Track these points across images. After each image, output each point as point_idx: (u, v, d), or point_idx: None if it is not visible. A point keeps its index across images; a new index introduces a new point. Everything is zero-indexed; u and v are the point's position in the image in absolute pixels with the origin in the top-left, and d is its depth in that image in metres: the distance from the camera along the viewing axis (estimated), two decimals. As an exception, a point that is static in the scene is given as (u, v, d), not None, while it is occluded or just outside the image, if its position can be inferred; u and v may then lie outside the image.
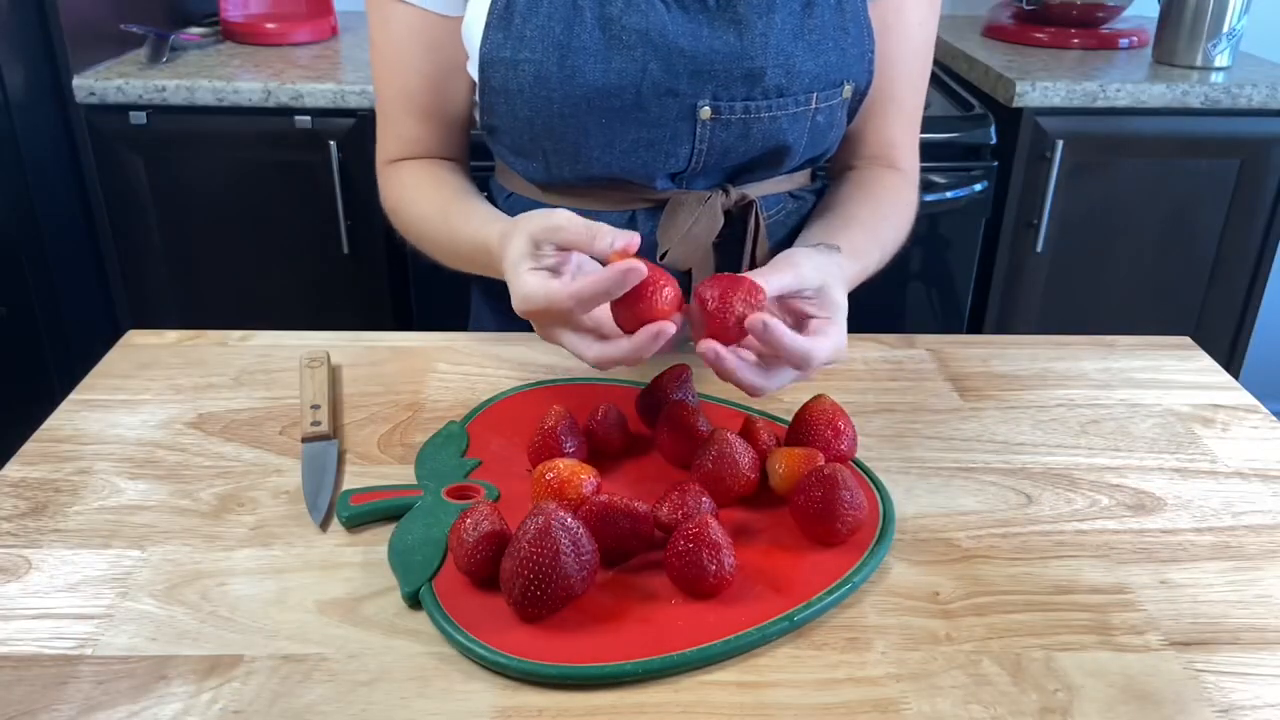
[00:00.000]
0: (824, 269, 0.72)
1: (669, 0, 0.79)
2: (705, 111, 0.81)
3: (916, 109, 0.95)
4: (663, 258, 0.87)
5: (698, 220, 0.87)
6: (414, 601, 0.59)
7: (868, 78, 0.87)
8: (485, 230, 0.77)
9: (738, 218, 0.90)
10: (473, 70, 0.84)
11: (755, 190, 0.91)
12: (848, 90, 0.86)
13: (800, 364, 0.67)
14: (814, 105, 0.84)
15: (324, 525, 0.66)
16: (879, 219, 0.88)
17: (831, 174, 0.97)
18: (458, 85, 0.88)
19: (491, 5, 0.80)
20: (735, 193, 0.88)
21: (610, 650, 0.55)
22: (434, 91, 0.88)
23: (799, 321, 0.71)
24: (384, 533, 0.65)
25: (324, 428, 0.75)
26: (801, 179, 0.96)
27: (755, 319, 0.64)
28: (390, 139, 0.91)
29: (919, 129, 0.96)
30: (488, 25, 0.80)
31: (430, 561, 0.61)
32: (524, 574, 0.56)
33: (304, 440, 0.74)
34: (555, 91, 0.80)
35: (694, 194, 0.87)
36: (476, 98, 0.86)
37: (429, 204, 0.87)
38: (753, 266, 0.91)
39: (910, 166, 0.95)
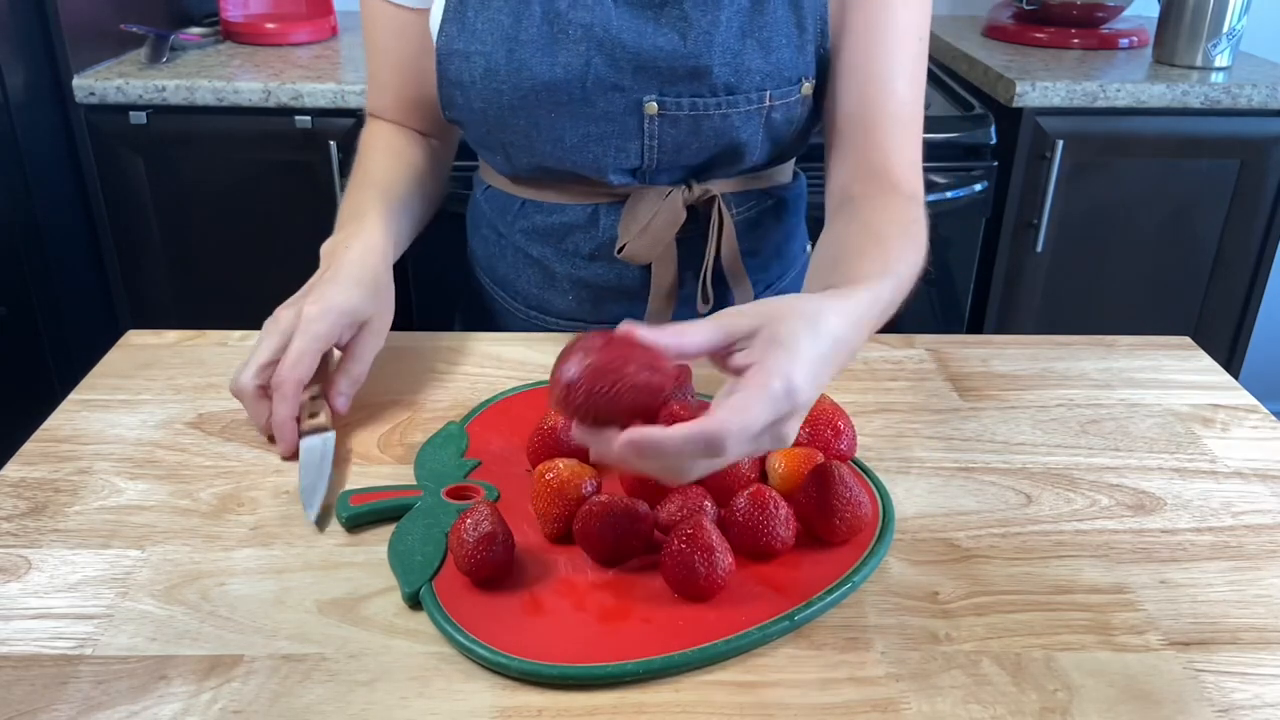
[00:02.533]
0: (770, 306, 0.59)
1: None
2: (651, 107, 0.82)
3: (914, 119, 0.85)
4: (620, 251, 0.87)
5: (657, 214, 0.87)
6: (414, 602, 0.59)
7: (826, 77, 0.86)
8: (344, 225, 0.82)
9: (702, 213, 0.90)
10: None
11: (724, 187, 0.91)
12: (807, 88, 0.85)
13: (710, 451, 0.53)
14: (768, 103, 0.84)
15: (320, 524, 0.66)
16: (877, 243, 0.76)
17: (830, 205, 0.87)
18: (428, 71, 0.88)
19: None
20: (698, 188, 0.89)
21: (610, 650, 0.55)
22: (408, 75, 0.91)
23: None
24: (384, 533, 0.65)
25: (321, 419, 0.74)
26: (778, 176, 0.96)
27: (620, 445, 0.52)
28: (372, 100, 0.95)
29: (920, 142, 0.86)
30: (444, 19, 0.82)
31: (430, 562, 0.61)
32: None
33: (301, 435, 0.74)
34: (504, 84, 0.81)
35: (655, 189, 0.88)
36: (437, 92, 0.87)
37: (369, 165, 0.91)
38: (717, 261, 0.91)
39: (911, 184, 0.84)
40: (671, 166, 0.87)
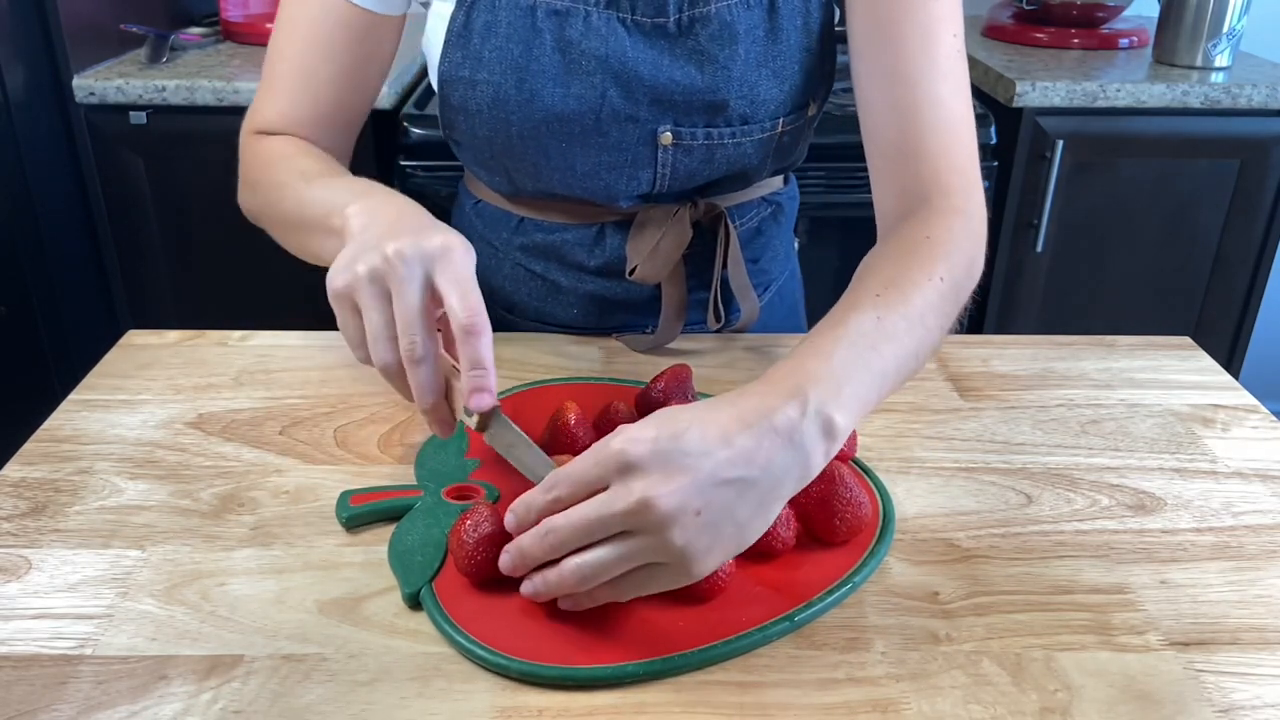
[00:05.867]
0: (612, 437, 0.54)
1: (630, 26, 0.78)
2: (666, 137, 0.81)
3: (961, 122, 0.76)
4: (632, 273, 0.87)
5: (665, 234, 0.86)
6: (414, 602, 0.59)
7: (828, 92, 0.86)
8: (340, 197, 0.70)
9: (707, 228, 0.89)
10: (434, 83, 0.83)
11: (727, 201, 0.90)
12: (813, 109, 0.85)
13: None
14: (779, 129, 0.84)
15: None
16: (876, 270, 0.69)
17: (881, 229, 0.79)
18: (367, 86, 0.85)
19: (451, 23, 0.79)
20: (704, 204, 0.88)
21: (610, 650, 0.55)
22: (354, 82, 0.84)
23: None
24: (384, 533, 0.65)
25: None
26: (775, 184, 0.96)
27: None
28: (271, 111, 0.85)
29: (971, 146, 0.77)
30: (447, 43, 0.79)
31: (431, 562, 0.61)
32: None
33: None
34: (513, 114, 0.79)
35: (662, 208, 0.87)
36: (438, 112, 0.85)
37: (311, 163, 0.79)
38: (724, 276, 0.90)
39: (961, 196, 0.76)
40: (681, 190, 0.87)
